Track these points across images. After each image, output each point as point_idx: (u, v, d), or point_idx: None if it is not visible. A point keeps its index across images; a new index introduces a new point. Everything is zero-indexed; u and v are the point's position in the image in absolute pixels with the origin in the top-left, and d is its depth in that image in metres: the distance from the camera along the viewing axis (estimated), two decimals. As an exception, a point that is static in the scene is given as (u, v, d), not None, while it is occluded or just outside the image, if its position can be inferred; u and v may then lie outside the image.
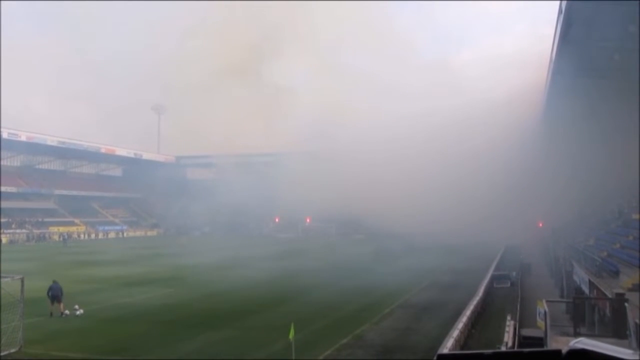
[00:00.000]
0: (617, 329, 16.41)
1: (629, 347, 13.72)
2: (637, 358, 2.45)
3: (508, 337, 16.91)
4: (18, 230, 77.41)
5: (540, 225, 61.88)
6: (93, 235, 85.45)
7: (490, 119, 65.50)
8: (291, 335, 14.81)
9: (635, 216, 33.95)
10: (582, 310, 20.00)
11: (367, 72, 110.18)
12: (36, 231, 79.10)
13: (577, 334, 16.88)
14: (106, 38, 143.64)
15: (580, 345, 2.42)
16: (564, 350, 2.47)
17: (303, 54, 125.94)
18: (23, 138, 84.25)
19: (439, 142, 69.47)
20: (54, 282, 24.12)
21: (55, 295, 23.26)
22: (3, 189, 79.94)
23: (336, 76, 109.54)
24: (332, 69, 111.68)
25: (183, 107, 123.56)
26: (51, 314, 22.95)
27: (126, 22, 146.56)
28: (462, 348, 16.64)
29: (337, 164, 79.66)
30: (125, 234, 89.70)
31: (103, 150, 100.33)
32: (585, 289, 23.50)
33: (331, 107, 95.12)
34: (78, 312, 23.16)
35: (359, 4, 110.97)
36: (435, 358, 2.92)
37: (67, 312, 23.07)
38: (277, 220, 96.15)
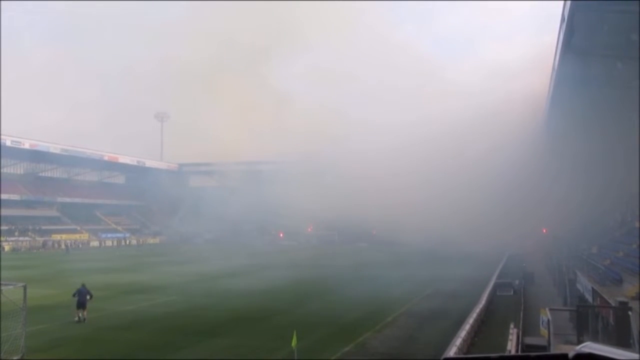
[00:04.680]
0: (620, 338, 16.34)
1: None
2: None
3: (511, 346, 16.84)
4: (21, 238, 77.46)
5: (545, 231, 61.77)
6: (96, 243, 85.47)
7: (493, 127, 65.47)
8: (294, 343, 14.78)
9: (637, 224, 33.88)
10: (585, 319, 19.90)
11: (368, 79, 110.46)
12: (39, 239, 79.14)
13: (580, 343, 16.79)
14: (109, 46, 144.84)
15: (587, 350, 2.41)
16: (571, 354, 2.46)
17: (306, 62, 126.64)
18: (26, 146, 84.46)
19: (441, 149, 69.44)
20: (83, 285, 24.00)
21: (81, 301, 23.25)
22: (6, 196, 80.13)
23: (338, 84, 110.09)
24: (334, 77, 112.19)
25: (186, 114, 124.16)
26: (78, 319, 22.99)
27: (129, 31, 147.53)
28: (465, 356, 16.56)
29: (339, 172, 79.67)
30: (128, 242, 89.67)
31: (106, 158, 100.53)
32: (589, 298, 23.44)
33: (333, 115, 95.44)
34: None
35: (360, 12, 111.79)
36: None
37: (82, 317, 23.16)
38: (281, 235, 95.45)
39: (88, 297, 23.61)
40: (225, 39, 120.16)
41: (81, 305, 23.23)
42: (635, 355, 2.47)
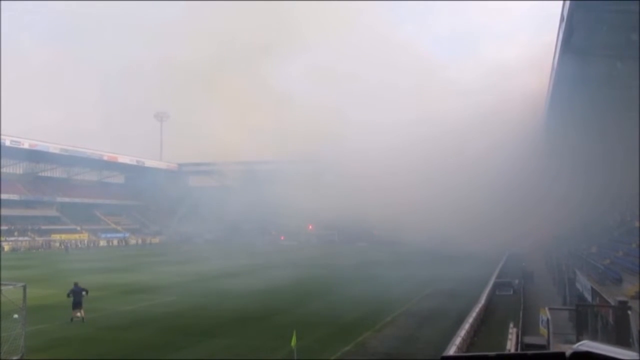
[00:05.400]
0: (620, 337, 16.32)
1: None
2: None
3: (511, 345, 16.86)
4: (20, 238, 77.45)
5: (542, 235, 61.77)
6: (103, 243, 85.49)
7: (493, 126, 65.47)
8: (293, 342, 14.77)
9: (637, 224, 33.88)
10: (584, 318, 19.88)
11: (368, 79, 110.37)
12: (38, 239, 79.13)
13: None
14: (109, 46, 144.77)
15: (584, 348, 2.42)
16: (568, 352, 2.47)
17: (306, 62, 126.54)
18: (26, 145, 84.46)
19: (441, 148, 69.43)
20: (75, 284, 23.83)
21: (77, 301, 23.12)
22: (6, 196, 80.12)
23: (338, 84, 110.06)
24: (334, 77, 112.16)
25: (186, 114, 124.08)
26: (72, 319, 22.91)
27: (128, 31, 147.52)
28: (464, 356, 16.54)
29: (339, 171, 79.66)
30: (127, 242, 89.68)
31: (105, 158, 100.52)
32: (588, 297, 23.43)
33: (333, 115, 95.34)
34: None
35: (360, 11, 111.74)
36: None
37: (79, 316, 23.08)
38: (282, 238, 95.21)
39: (84, 293, 23.49)
40: (225, 38, 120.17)
41: (78, 304, 23.11)
42: (632, 354, 2.48)
